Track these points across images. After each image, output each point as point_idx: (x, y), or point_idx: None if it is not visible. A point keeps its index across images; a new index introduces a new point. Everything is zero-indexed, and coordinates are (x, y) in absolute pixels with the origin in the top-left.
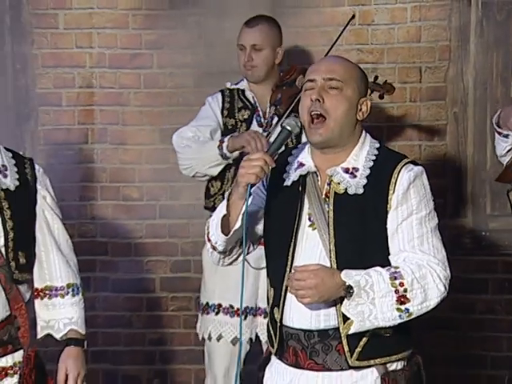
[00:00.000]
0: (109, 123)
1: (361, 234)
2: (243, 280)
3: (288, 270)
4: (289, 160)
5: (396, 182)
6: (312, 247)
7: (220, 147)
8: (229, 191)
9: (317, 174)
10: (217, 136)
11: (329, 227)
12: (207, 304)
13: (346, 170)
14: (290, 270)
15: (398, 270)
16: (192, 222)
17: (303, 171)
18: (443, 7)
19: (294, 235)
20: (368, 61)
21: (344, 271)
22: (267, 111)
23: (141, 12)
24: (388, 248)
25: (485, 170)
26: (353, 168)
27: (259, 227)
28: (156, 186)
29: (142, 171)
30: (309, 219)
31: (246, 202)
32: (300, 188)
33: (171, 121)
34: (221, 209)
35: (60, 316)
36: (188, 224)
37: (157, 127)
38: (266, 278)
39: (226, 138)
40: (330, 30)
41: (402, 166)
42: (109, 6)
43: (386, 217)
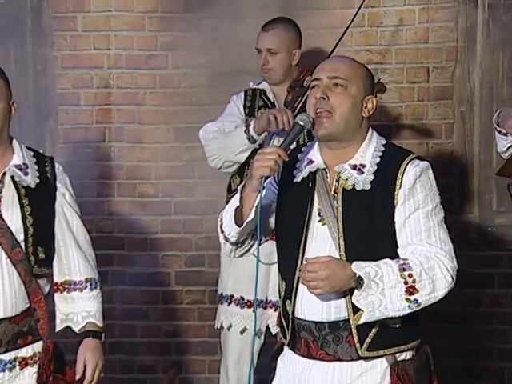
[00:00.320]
0: (125, 122)
1: (369, 229)
2: (257, 272)
3: (299, 264)
4: (299, 157)
5: (402, 178)
6: (322, 242)
7: (247, 131)
8: (242, 184)
9: (326, 171)
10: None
11: (338, 222)
12: (221, 294)
13: (354, 167)
14: (301, 264)
15: (407, 262)
16: (206, 218)
17: (312, 168)
18: (450, 9)
19: (305, 230)
20: (377, 61)
21: (354, 263)
22: None
23: (156, 15)
24: (396, 241)
25: (491, 167)
26: (360, 164)
27: (271, 220)
28: (171, 183)
29: (158, 169)
30: (318, 214)
31: (260, 194)
32: (310, 184)
33: (185, 120)
34: (234, 201)
35: (78, 309)
36: (202, 220)
37: (172, 126)
38: (278, 272)
39: (252, 121)
40: (340, 32)
41: (408, 162)
42: (126, 9)
43: (394, 211)
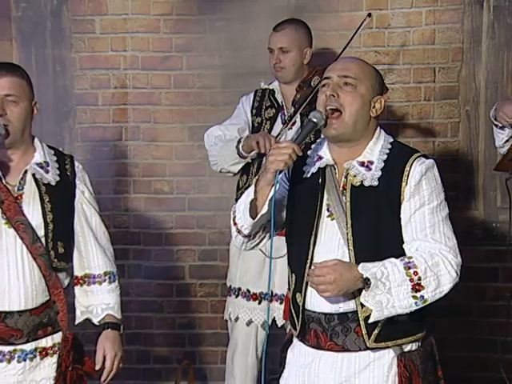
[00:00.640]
0: (141, 121)
1: (376, 224)
2: (271, 265)
3: (309, 257)
4: (309, 154)
5: (409, 175)
6: (331, 236)
7: (237, 147)
8: (256, 177)
9: (335, 167)
10: (244, 135)
11: (346, 217)
12: (230, 287)
13: (362, 164)
14: (311, 257)
15: (412, 260)
16: (218, 214)
17: (322, 164)
18: (456, 11)
19: (315, 225)
20: (385, 62)
21: (361, 264)
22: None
23: (171, 17)
24: (402, 236)
25: (495, 165)
26: (368, 161)
27: (283, 214)
28: (185, 180)
29: (173, 166)
30: (327, 210)
31: (275, 187)
32: (320, 180)
33: (199, 119)
34: (247, 194)
35: (98, 302)
36: (215, 216)
37: (186, 125)
38: (287, 265)
39: (243, 139)
40: (348, 33)
41: (414, 160)
42: (142, 12)
43: (400, 207)
